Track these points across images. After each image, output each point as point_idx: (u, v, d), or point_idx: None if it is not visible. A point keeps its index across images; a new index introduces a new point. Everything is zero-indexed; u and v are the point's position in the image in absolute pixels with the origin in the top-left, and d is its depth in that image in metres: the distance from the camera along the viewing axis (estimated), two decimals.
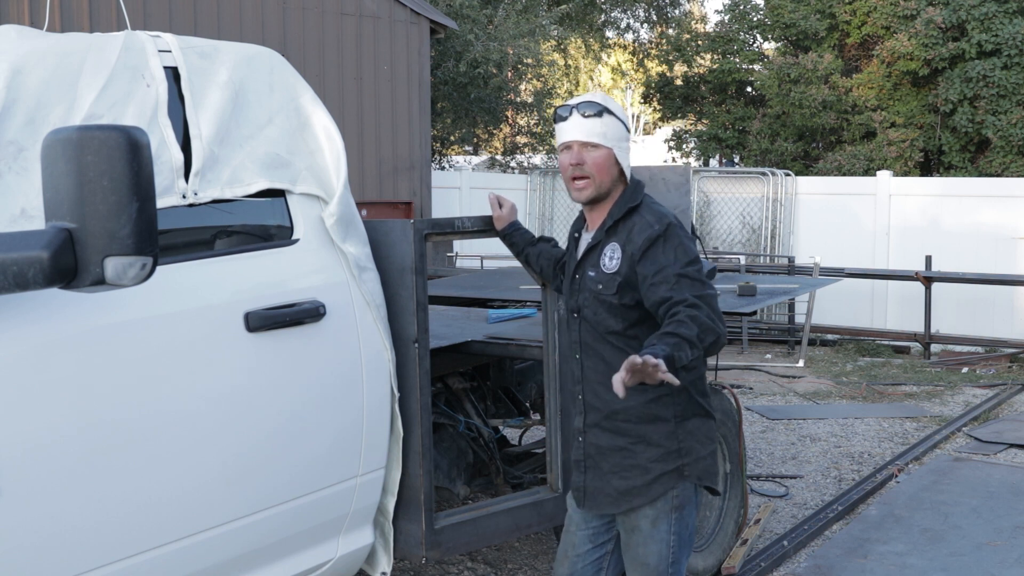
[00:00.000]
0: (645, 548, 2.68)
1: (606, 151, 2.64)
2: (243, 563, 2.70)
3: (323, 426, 2.87)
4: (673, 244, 2.56)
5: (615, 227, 2.67)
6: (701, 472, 2.68)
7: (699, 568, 4.07)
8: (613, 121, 2.65)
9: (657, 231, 2.57)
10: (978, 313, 10.66)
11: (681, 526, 2.69)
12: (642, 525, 2.68)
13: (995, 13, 13.70)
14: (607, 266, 2.64)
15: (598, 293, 2.65)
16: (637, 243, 2.58)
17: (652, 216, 2.63)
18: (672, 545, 2.68)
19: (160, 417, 2.43)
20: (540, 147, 17.54)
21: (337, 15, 10.67)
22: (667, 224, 2.59)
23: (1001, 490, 5.51)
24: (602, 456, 2.71)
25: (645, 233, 2.58)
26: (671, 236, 2.57)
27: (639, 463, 2.65)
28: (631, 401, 2.60)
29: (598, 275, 2.66)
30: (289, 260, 2.88)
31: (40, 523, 2.19)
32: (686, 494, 2.69)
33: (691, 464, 2.66)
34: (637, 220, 2.63)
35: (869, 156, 14.21)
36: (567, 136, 2.67)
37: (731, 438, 4.29)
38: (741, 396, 8.03)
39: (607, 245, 2.66)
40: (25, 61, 2.41)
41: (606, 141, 2.64)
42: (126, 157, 1.88)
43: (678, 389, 2.60)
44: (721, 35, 16.77)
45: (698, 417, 2.69)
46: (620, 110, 2.70)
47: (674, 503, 2.67)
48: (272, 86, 2.95)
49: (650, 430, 2.64)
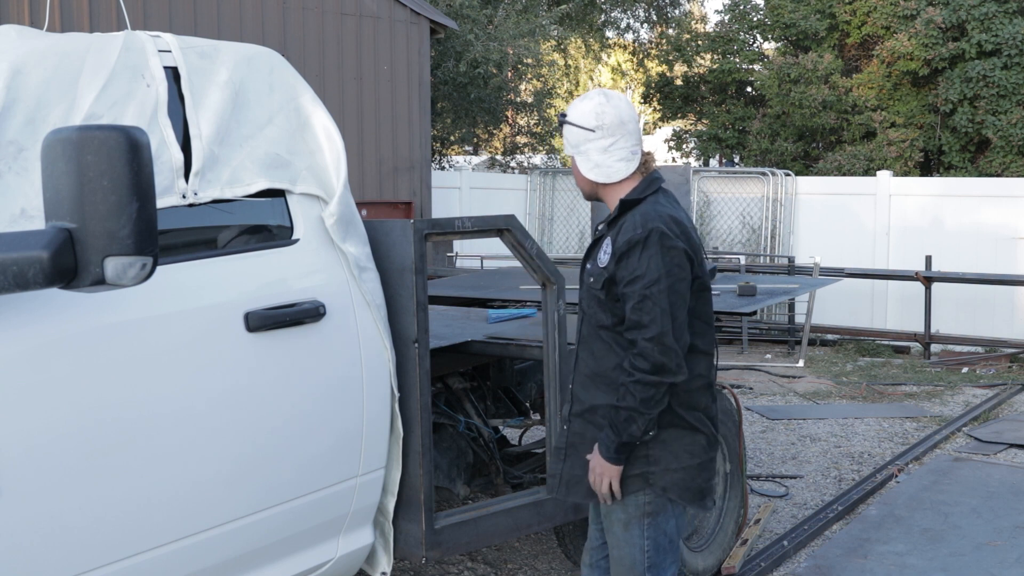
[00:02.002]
0: (619, 551, 2.73)
1: (573, 160, 2.74)
2: (243, 563, 2.70)
3: (323, 426, 2.87)
4: (649, 254, 2.55)
5: (615, 222, 2.70)
6: (669, 484, 2.65)
7: (699, 568, 4.07)
8: (567, 129, 2.73)
9: (638, 235, 2.57)
10: (978, 313, 10.66)
11: (657, 532, 2.70)
12: (615, 528, 2.73)
13: (995, 13, 13.70)
14: (600, 260, 2.68)
15: (590, 286, 2.71)
16: (619, 243, 2.61)
17: (640, 219, 2.62)
18: (647, 550, 2.70)
19: (160, 417, 2.43)
20: (540, 147, 17.55)
21: (337, 15, 10.67)
22: (649, 231, 2.57)
23: (1001, 490, 5.51)
24: (584, 446, 2.75)
25: (627, 235, 2.60)
26: (650, 244, 2.55)
27: None
28: (606, 399, 2.66)
29: (592, 268, 2.72)
30: (289, 260, 2.88)
31: (40, 523, 2.19)
32: (659, 502, 2.68)
33: (657, 474, 2.65)
34: (628, 219, 2.65)
35: (869, 156, 14.21)
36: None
37: (731, 438, 4.29)
38: (741, 396, 8.03)
39: (605, 239, 2.70)
40: (25, 61, 2.41)
41: (569, 150, 2.75)
42: (126, 157, 1.88)
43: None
44: (721, 35, 16.76)
45: (676, 428, 2.65)
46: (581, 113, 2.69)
47: (645, 509, 2.68)
48: (272, 86, 2.95)
49: None
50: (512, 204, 12.91)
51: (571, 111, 2.73)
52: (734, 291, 4.74)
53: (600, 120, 2.68)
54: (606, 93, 2.73)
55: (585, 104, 2.71)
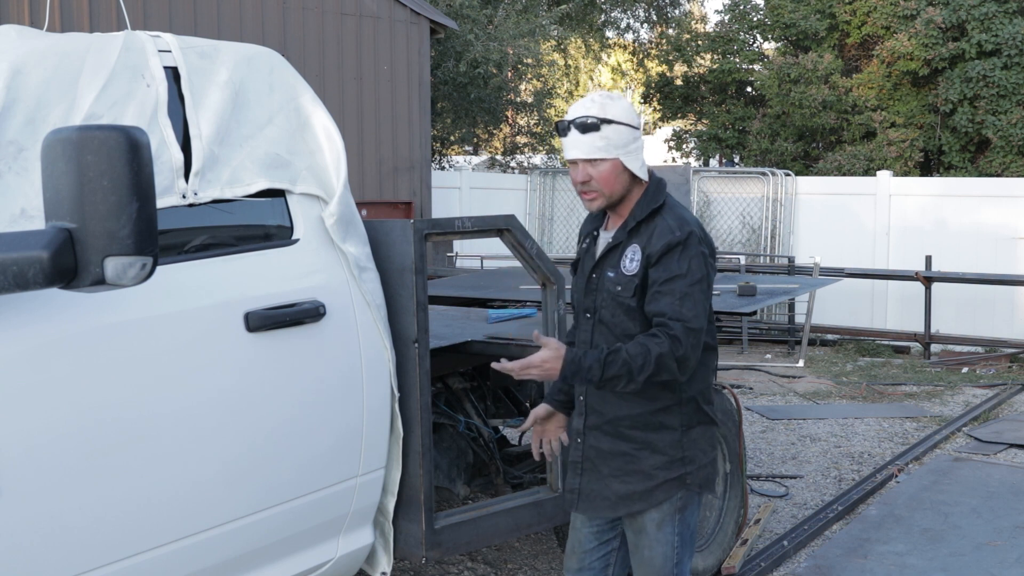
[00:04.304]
0: (651, 551, 2.71)
1: (611, 162, 2.57)
2: (243, 563, 2.70)
3: (323, 426, 2.87)
4: (689, 255, 2.53)
5: (637, 228, 2.62)
6: (703, 480, 2.70)
7: (699, 568, 4.07)
8: (613, 129, 2.55)
9: (678, 238, 2.54)
10: (978, 313, 10.66)
11: (683, 527, 2.72)
12: (648, 528, 2.70)
13: (995, 13, 13.70)
14: (627, 268, 2.60)
15: (616, 295, 2.62)
16: (656, 247, 2.55)
17: (675, 221, 2.58)
18: (676, 546, 2.71)
19: (160, 417, 2.43)
20: (540, 147, 17.55)
21: (337, 15, 10.67)
22: (688, 232, 2.55)
23: (1001, 490, 5.51)
24: (602, 459, 2.71)
25: (666, 238, 2.54)
26: (690, 246, 2.54)
27: (642, 469, 2.65)
28: (637, 409, 2.63)
29: (617, 276, 2.62)
30: (289, 260, 2.88)
31: (40, 523, 2.19)
32: (689, 496, 2.71)
33: (693, 473, 2.68)
34: (659, 223, 2.59)
35: (869, 156, 14.21)
36: (569, 154, 2.61)
37: (731, 438, 4.28)
38: (741, 396, 8.03)
39: (628, 247, 2.62)
40: (25, 61, 2.41)
41: (608, 153, 2.56)
42: (126, 157, 1.88)
43: (686, 399, 2.64)
44: (721, 35, 16.77)
45: (702, 425, 2.70)
46: (623, 111, 2.58)
47: (677, 505, 2.69)
48: (272, 86, 2.95)
49: (655, 438, 2.64)
50: (512, 204, 12.91)
51: (610, 111, 2.56)
52: (734, 291, 4.74)
53: (637, 118, 2.64)
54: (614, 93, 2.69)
55: (618, 104, 2.60)
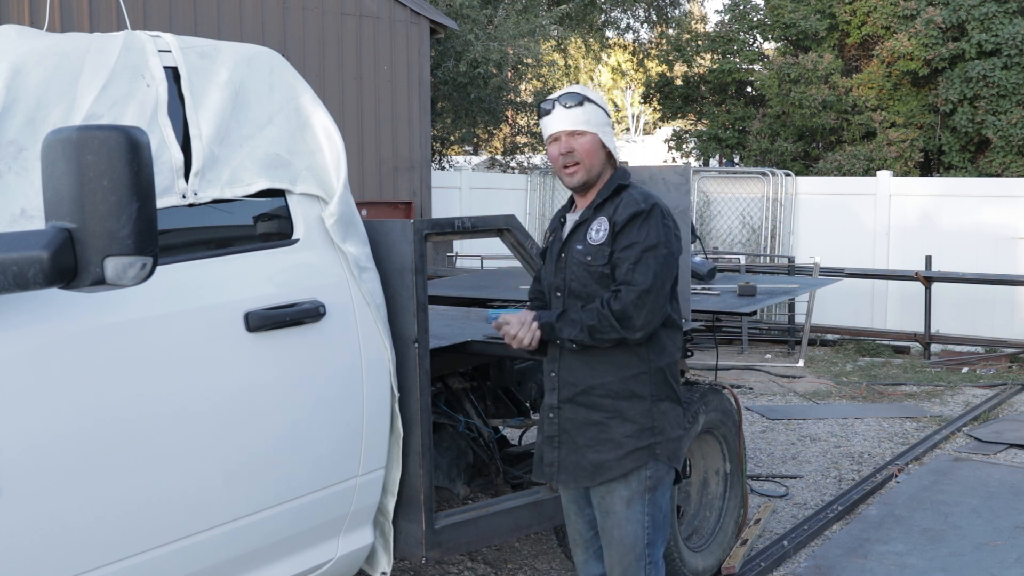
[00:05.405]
0: (620, 530, 2.78)
1: (591, 136, 2.79)
2: (243, 563, 2.70)
3: (323, 426, 2.87)
4: (649, 225, 2.71)
5: (603, 204, 2.80)
6: (671, 453, 2.80)
7: (699, 568, 4.07)
8: (594, 108, 2.80)
9: (643, 208, 2.72)
10: (978, 313, 10.66)
11: (655, 508, 2.80)
12: (616, 507, 2.78)
13: (995, 13, 13.70)
14: (594, 238, 2.77)
15: (587, 265, 2.77)
16: (622, 216, 2.72)
17: (640, 195, 2.78)
18: (647, 527, 2.79)
19: (160, 417, 2.43)
20: (540, 147, 17.53)
21: (337, 15, 10.67)
22: (652, 204, 2.74)
23: (1001, 490, 5.51)
24: (577, 430, 2.80)
25: (631, 208, 2.73)
26: (653, 216, 2.72)
27: (613, 437, 2.76)
28: (608, 376, 2.75)
29: (586, 248, 2.78)
30: (289, 260, 2.88)
31: (40, 523, 2.19)
32: (658, 475, 2.79)
33: (662, 444, 2.78)
34: (625, 196, 2.78)
35: (869, 156, 14.21)
36: (553, 128, 2.81)
37: (731, 438, 4.29)
38: (741, 396, 8.03)
39: (594, 220, 2.79)
40: (25, 61, 2.41)
41: (590, 127, 2.78)
42: (126, 157, 1.88)
43: (654, 369, 2.77)
44: (721, 35, 16.76)
45: (670, 400, 2.81)
46: (600, 98, 2.86)
47: (647, 484, 2.77)
48: (272, 86, 2.95)
49: (626, 406, 2.75)
50: (512, 204, 12.91)
51: (589, 94, 2.83)
52: (734, 291, 4.74)
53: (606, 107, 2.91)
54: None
55: (595, 92, 2.87)
